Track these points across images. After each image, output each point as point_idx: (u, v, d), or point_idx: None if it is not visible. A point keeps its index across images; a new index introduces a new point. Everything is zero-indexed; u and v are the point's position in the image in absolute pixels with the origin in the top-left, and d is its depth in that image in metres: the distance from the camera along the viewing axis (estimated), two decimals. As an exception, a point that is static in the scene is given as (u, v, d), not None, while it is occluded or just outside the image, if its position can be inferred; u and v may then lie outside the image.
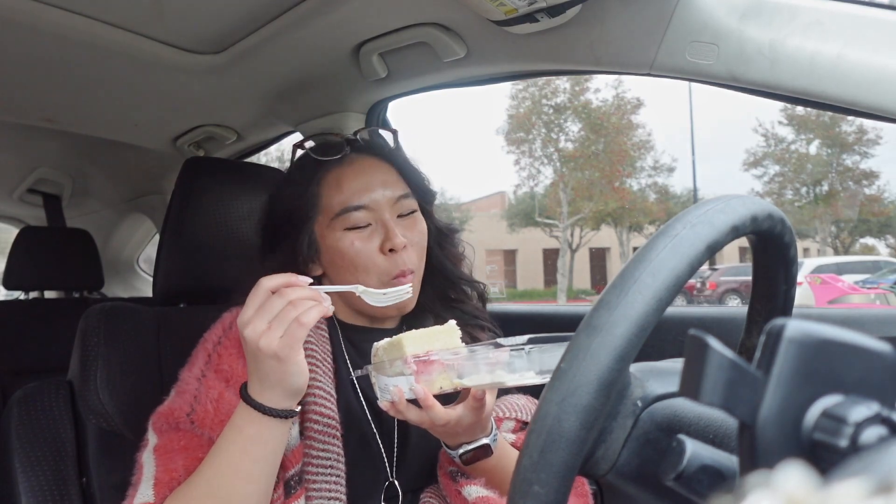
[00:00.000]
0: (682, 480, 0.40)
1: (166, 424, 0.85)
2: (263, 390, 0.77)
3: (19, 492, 1.01)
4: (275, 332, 0.72)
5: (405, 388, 0.74)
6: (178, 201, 1.20)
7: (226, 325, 0.93)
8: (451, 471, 0.92)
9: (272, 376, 0.75)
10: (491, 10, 0.98)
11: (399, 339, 0.75)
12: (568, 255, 20.19)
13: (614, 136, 19.62)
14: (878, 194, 19.99)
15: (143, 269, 3.05)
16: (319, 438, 0.86)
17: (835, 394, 0.33)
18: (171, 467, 0.81)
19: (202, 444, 0.83)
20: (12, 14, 1.07)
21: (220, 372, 0.88)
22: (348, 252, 0.92)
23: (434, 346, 0.76)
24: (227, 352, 0.89)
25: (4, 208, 2.84)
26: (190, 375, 0.89)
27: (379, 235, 0.93)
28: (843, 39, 0.83)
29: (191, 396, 0.86)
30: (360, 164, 0.97)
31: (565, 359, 0.43)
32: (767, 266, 0.54)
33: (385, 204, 0.94)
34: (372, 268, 0.92)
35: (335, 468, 0.86)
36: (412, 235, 0.95)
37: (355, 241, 0.92)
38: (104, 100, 1.52)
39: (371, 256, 0.92)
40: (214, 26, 1.18)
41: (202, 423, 0.84)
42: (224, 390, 0.86)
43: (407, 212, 0.97)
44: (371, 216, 0.94)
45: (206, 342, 0.92)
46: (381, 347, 0.78)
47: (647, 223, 20.72)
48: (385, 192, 0.94)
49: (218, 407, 0.84)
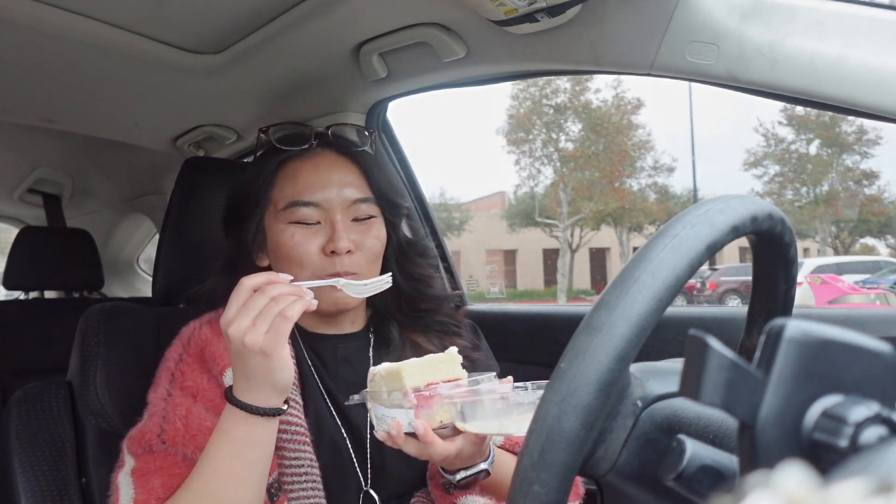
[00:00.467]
0: (682, 480, 0.40)
1: (140, 448, 0.85)
2: (251, 389, 0.76)
3: (19, 492, 1.01)
4: (259, 328, 0.72)
5: (404, 421, 0.72)
6: (177, 201, 1.20)
7: (184, 342, 0.93)
8: (444, 483, 0.91)
9: (258, 373, 0.74)
10: (491, 10, 0.98)
11: (398, 370, 0.73)
12: (568, 255, 20.19)
13: (614, 136, 19.63)
14: (878, 194, 20.00)
15: (143, 269, 3.05)
16: (289, 447, 0.86)
17: (835, 394, 0.33)
18: (148, 487, 0.81)
19: (177, 462, 0.83)
20: (12, 14, 1.07)
21: (185, 389, 0.87)
22: (286, 244, 0.90)
23: (435, 376, 0.74)
24: (189, 368, 0.89)
25: (4, 208, 2.84)
26: (156, 396, 0.88)
27: (324, 235, 0.90)
28: (843, 39, 0.83)
29: (159, 417, 0.85)
30: (320, 160, 0.94)
31: (565, 359, 0.43)
32: (767, 266, 0.54)
33: (338, 204, 0.91)
34: (307, 264, 0.90)
35: (310, 474, 0.86)
36: (363, 240, 0.92)
37: (296, 234, 0.90)
38: (104, 100, 1.51)
39: (309, 253, 0.90)
40: (214, 26, 1.18)
41: (174, 441, 0.83)
42: (192, 406, 0.85)
43: (363, 216, 0.94)
44: (321, 214, 0.91)
45: (168, 361, 0.92)
46: (379, 374, 0.76)
47: (647, 223, 20.72)
48: (341, 192, 0.92)
49: (187, 423, 0.84)
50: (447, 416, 0.73)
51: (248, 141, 1.80)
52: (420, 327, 1.01)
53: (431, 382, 0.74)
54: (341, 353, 0.98)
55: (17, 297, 2.55)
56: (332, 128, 0.99)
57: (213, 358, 0.89)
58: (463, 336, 1.03)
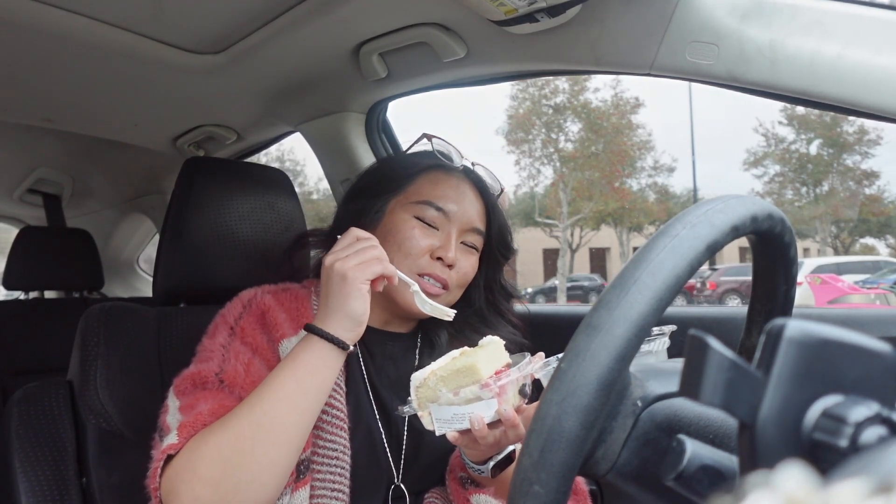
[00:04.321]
0: (682, 480, 0.40)
1: (191, 385, 0.85)
2: (327, 317, 0.82)
3: (19, 492, 1.01)
4: (351, 260, 0.82)
5: (487, 413, 0.74)
6: (177, 201, 1.20)
7: (244, 302, 0.95)
8: (462, 477, 0.93)
9: (336, 298, 0.81)
10: (491, 10, 0.98)
11: (471, 365, 0.74)
12: (568, 255, 20.19)
13: (614, 136, 19.61)
14: (878, 194, 20.00)
15: (143, 269, 3.05)
16: (327, 429, 0.87)
17: (835, 394, 0.33)
18: (195, 412, 0.81)
19: (230, 398, 0.83)
20: (12, 14, 1.07)
21: (245, 343, 0.90)
22: (404, 232, 0.96)
23: (496, 364, 0.77)
24: (249, 326, 0.91)
25: (4, 208, 2.84)
26: (213, 343, 0.90)
27: (437, 240, 0.97)
28: (843, 39, 0.83)
29: (219, 359, 0.87)
30: (461, 181, 1.02)
31: (565, 359, 0.43)
32: (767, 266, 0.54)
33: (460, 222, 0.99)
34: (413, 256, 0.95)
35: (340, 459, 0.87)
36: (462, 263, 0.99)
37: (416, 228, 0.97)
38: (104, 100, 1.51)
39: (419, 248, 0.96)
40: (214, 26, 1.18)
41: (232, 381, 0.84)
42: (252, 358, 0.88)
43: (470, 244, 1.01)
44: (442, 223, 0.98)
45: (226, 317, 0.94)
46: (436, 376, 0.76)
47: (647, 223, 20.73)
48: (465, 213, 0.99)
49: (248, 369, 0.86)
50: (516, 398, 0.76)
51: (248, 141, 1.80)
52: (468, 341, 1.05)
53: (497, 370, 0.76)
54: (389, 350, 1.02)
55: (17, 297, 2.55)
56: (476, 164, 1.07)
57: (274, 324, 0.92)
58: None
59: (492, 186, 1.07)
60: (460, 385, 0.74)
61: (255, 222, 1.24)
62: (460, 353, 0.77)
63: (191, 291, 1.22)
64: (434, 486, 0.97)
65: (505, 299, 1.11)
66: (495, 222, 1.06)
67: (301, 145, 7.90)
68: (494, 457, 0.84)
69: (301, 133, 1.63)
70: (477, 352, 0.76)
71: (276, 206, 1.27)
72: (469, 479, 0.93)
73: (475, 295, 1.07)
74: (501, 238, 1.07)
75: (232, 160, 1.84)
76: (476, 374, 0.73)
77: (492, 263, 1.08)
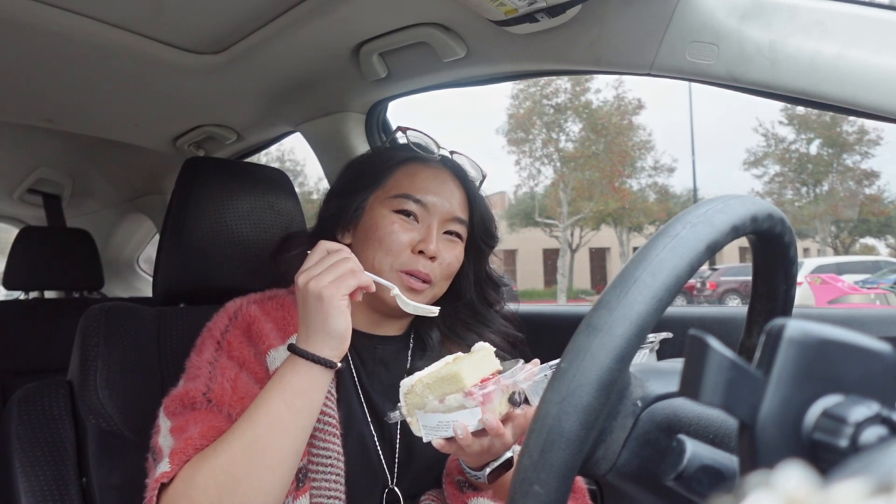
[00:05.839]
0: (682, 480, 0.40)
1: (181, 406, 0.85)
2: (308, 337, 0.80)
3: (19, 492, 1.01)
4: (325, 277, 0.79)
5: (471, 421, 0.73)
6: (177, 201, 1.20)
7: (230, 314, 0.95)
8: (459, 480, 0.92)
9: (316, 319, 0.79)
10: (491, 10, 0.98)
11: (455, 373, 0.73)
12: (568, 255, 20.18)
13: (615, 136, 19.61)
14: (878, 194, 19.99)
15: (143, 269, 3.05)
16: (320, 436, 0.87)
17: (835, 394, 0.33)
18: (185, 436, 0.81)
19: (219, 417, 0.83)
20: (12, 14, 1.07)
21: (232, 357, 0.89)
22: (384, 228, 0.95)
23: (484, 371, 0.76)
24: (235, 339, 0.91)
25: (4, 208, 2.84)
26: (201, 360, 0.89)
27: (418, 233, 0.96)
28: (843, 39, 0.83)
29: (205, 378, 0.86)
30: (439, 172, 1.01)
31: (565, 359, 0.43)
32: (767, 266, 0.54)
33: (439, 212, 0.97)
34: (394, 252, 0.94)
35: (335, 466, 0.87)
36: (446, 254, 0.97)
37: (396, 223, 0.95)
38: (104, 100, 1.51)
39: (400, 243, 0.94)
40: (214, 26, 1.18)
41: (220, 400, 0.84)
42: (239, 372, 0.87)
43: (453, 233, 1.00)
44: (422, 215, 0.97)
45: (212, 331, 0.93)
46: (422, 383, 0.76)
47: (647, 223, 20.71)
48: (446, 204, 0.98)
49: (235, 386, 0.85)
50: (504, 406, 0.75)
51: (248, 141, 1.80)
52: (460, 339, 1.05)
53: (484, 378, 0.76)
54: (380, 354, 1.01)
55: (17, 297, 2.55)
56: (455, 153, 1.06)
57: (260, 335, 0.91)
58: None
59: (472, 175, 1.06)
60: (445, 392, 0.74)
61: (255, 222, 1.24)
62: (454, 359, 0.76)
63: (191, 291, 1.22)
64: (430, 490, 0.97)
65: (493, 289, 1.10)
66: (477, 211, 1.04)
67: (301, 145, 7.90)
68: (491, 463, 0.84)
69: (301, 133, 1.63)
70: (465, 359, 0.76)
71: (276, 206, 1.27)
72: (466, 482, 0.92)
73: (464, 287, 1.06)
74: (484, 227, 1.05)
75: (232, 160, 1.84)
76: (460, 383, 0.73)
77: (476, 253, 1.07)
